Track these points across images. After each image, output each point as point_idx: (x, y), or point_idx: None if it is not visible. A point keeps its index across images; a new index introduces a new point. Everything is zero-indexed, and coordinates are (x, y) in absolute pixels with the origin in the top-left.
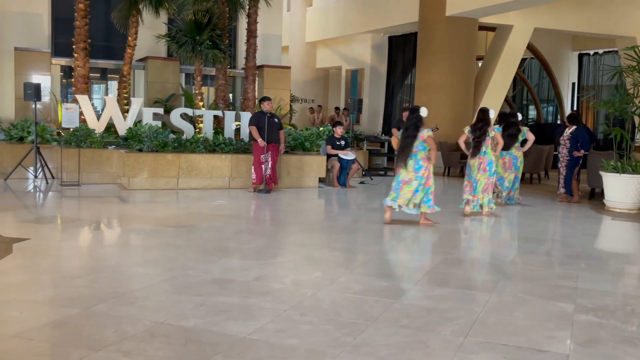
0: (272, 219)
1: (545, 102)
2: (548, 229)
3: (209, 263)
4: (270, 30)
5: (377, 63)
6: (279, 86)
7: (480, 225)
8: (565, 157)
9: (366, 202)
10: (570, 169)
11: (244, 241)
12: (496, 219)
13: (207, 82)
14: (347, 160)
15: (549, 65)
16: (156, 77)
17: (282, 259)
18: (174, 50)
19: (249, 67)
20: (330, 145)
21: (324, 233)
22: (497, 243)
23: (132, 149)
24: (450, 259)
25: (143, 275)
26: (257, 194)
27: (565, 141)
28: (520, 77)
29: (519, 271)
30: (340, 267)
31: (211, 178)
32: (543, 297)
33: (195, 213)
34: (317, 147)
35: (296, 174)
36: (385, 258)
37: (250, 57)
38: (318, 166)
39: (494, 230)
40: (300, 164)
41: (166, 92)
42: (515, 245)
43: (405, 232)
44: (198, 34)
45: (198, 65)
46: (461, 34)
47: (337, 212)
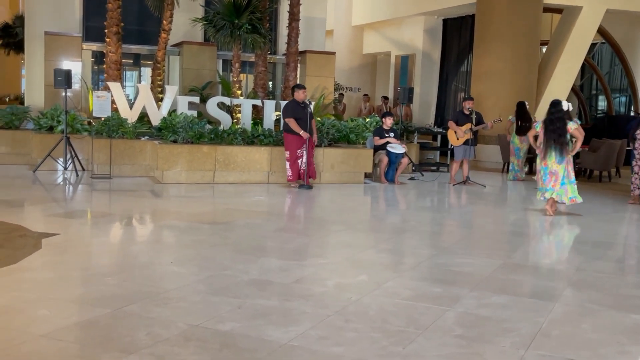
0: (314, 217)
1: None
2: (618, 232)
3: (247, 263)
4: (313, 13)
5: (430, 48)
6: (322, 73)
7: (543, 228)
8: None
9: (416, 200)
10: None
11: (284, 240)
12: (560, 221)
13: (245, 69)
14: (396, 154)
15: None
16: (192, 63)
17: (324, 260)
18: (211, 35)
19: (291, 52)
20: (378, 137)
21: (370, 233)
22: (562, 247)
23: (166, 140)
24: (510, 264)
25: (177, 275)
26: (298, 190)
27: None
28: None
29: (586, 278)
30: (388, 270)
31: (249, 172)
32: (614, 307)
33: (232, 209)
34: (363, 140)
35: (340, 168)
36: (437, 261)
37: (292, 42)
38: (364, 160)
39: (558, 233)
40: (344, 158)
41: (202, 79)
42: (582, 250)
43: (459, 233)
44: (237, 17)
45: (236, 51)
46: (524, 16)
47: (384, 211)
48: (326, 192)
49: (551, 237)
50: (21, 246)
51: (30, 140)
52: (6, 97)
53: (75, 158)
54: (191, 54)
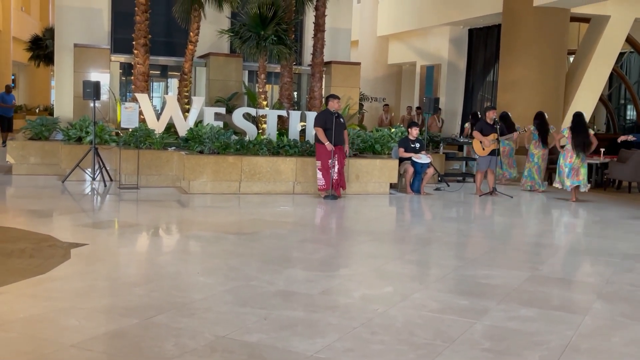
0: (339, 228)
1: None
2: None
3: (273, 273)
4: (339, 24)
5: (456, 58)
6: (347, 84)
7: (571, 239)
8: None
9: (442, 211)
10: None
11: (309, 251)
12: (589, 233)
13: (271, 79)
14: (422, 165)
15: None
16: (218, 74)
17: (350, 271)
18: (237, 46)
19: (316, 63)
20: (404, 148)
21: (396, 244)
22: (591, 259)
23: (193, 151)
24: (538, 276)
25: (204, 285)
26: (324, 200)
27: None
28: (617, 73)
29: (616, 291)
30: (414, 282)
31: (275, 182)
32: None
33: (257, 220)
34: (388, 150)
35: (365, 178)
36: (464, 273)
37: (318, 52)
38: (389, 171)
39: (587, 245)
40: (370, 168)
41: (228, 90)
42: (612, 262)
43: (486, 245)
44: (263, 28)
45: (262, 62)
46: (551, 25)
47: (410, 221)
48: (352, 203)
49: (580, 248)
50: (50, 256)
51: (59, 150)
52: (36, 108)
53: (104, 168)
54: (217, 65)
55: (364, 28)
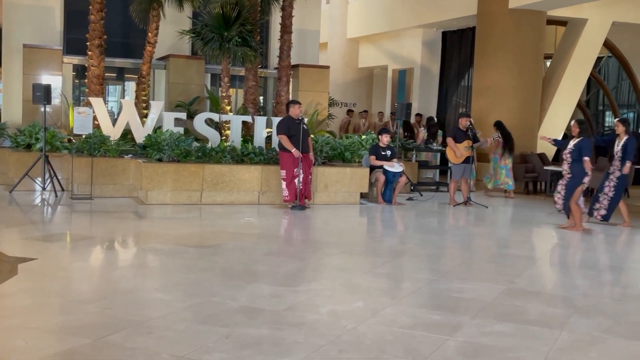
0: (307, 240)
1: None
2: (627, 256)
3: (236, 289)
4: (307, 25)
5: (429, 62)
6: (316, 88)
7: (548, 251)
8: (617, 170)
9: (415, 222)
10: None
11: (275, 264)
12: (566, 244)
13: (235, 83)
14: (394, 173)
15: (629, 65)
16: (178, 77)
17: (318, 285)
18: (198, 48)
19: (283, 66)
20: (374, 156)
21: (367, 257)
22: (568, 271)
23: (151, 159)
24: (514, 289)
25: (161, 302)
26: (291, 210)
27: (617, 153)
28: (595, 78)
29: (594, 305)
30: (385, 296)
31: (239, 192)
32: (623, 335)
33: (220, 231)
34: (358, 158)
35: (335, 188)
36: (437, 287)
37: (284, 55)
38: (360, 180)
39: (564, 257)
40: (339, 177)
41: (189, 94)
42: (589, 274)
43: (460, 257)
44: (226, 29)
45: (225, 65)
46: (527, 29)
47: (381, 233)
48: (320, 213)
49: (557, 260)
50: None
51: (7, 158)
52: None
53: (54, 178)
54: (178, 67)
55: (333, 30)
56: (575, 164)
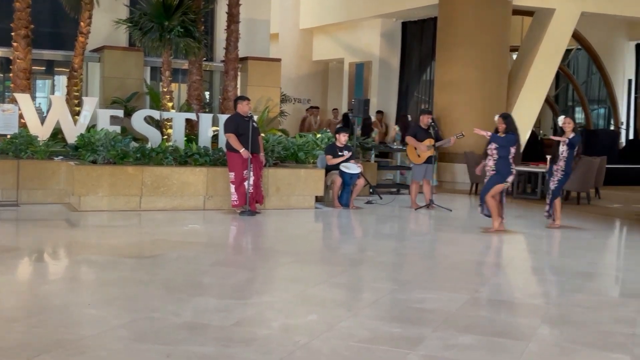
0: (257, 248)
1: (596, 103)
2: (599, 261)
3: (179, 303)
4: (256, 15)
5: (388, 55)
6: (266, 83)
7: (516, 257)
8: (560, 170)
9: (374, 227)
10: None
11: (223, 275)
12: (535, 249)
13: (177, 77)
14: (351, 175)
15: (599, 58)
16: (114, 71)
17: (269, 297)
18: (136, 39)
19: (230, 59)
20: (331, 156)
21: (322, 265)
22: (536, 279)
23: (84, 161)
24: (478, 299)
25: (96, 318)
26: (240, 216)
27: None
28: (564, 72)
29: (563, 314)
30: (342, 308)
31: (182, 197)
32: (593, 346)
33: (161, 240)
34: (313, 159)
35: (287, 191)
36: (398, 297)
37: (232, 47)
38: (315, 182)
39: (532, 263)
40: (292, 180)
41: (127, 89)
42: (559, 281)
43: (422, 265)
44: (167, 18)
45: (167, 57)
46: (491, 19)
47: (338, 239)
48: (271, 219)
49: (525, 267)
50: None
51: None
52: None
53: None
54: (114, 60)
55: (285, 20)
56: (502, 161)
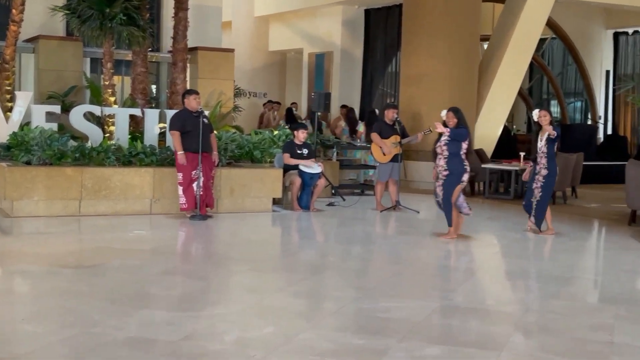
0: (209, 255)
1: (572, 96)
2: (576, 264)
3: (122, 316)
4: (206, 1)
5: (350, 45)
6: (218, 75)
7: (488, 261)
8: (543, 169)
9: (337, 231)
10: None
11: (171, 286)
12: (508, 253)
13: (120, 69)
14: (312, 175)
15: (575, 48)
16: (51, 63)
17: (222, 309)
18: (75, 28)
19: (178, 49)
20: (289, 155)
21: (280, 273)
22: (509, 284)
23: (17, 162)
24: (448, 306)
25: (31, 334)
26: (191, 221)
27: (542, 149)
28: (538, 63)
29: (537, 321)
30: (301, 319)
31: (126, 200)
32: (568, 355)
33: (104, 248)
34: (270, 157)
35: (242, 193)
36: (362, 306)
37: (180, 36)
38: (272, 183)
39: (505, 267)
40: (247, 180)
41: (64, 83)
42: (533, 286)
43: (388, 270)
44: (108, 5)
45: (108, 48)
46: (460, 6)
47: (297, 245)
48: (225, 224)
49: (498, 272)
50: None
51: None
52: None
53: None
54: (49, 51)
55: (239, 6)
56: (453, 159)
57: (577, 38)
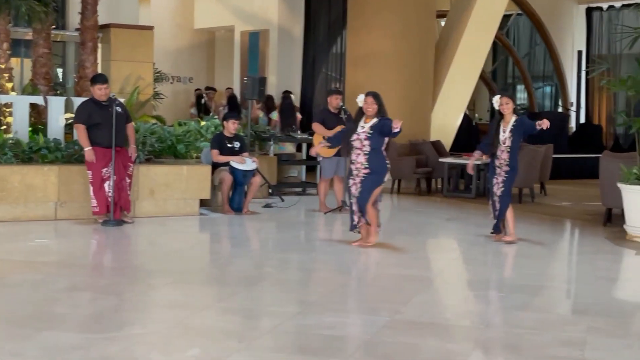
0: (125, 267)
1: (540, 80)
2: (545, 271)
3: (21, 340)
4: None
5: (289, 22)
6: (135, 57)
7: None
8: (504, 166)
9: (275, 236)
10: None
11: (80, 303)
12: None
13: (19, 51)
14: (245, 172)
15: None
16: None
17: (140, 329)
18: None
19: (87, 27)
20: (218, 150)
21: (208, 287)
22: (470, 295)
23: None
24: (400, 321)
25: None
26: (103, 227)
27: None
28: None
29: (500, 337)
30: (232, 339)
31: (27, 204)
32: None
33: (0, 260)
34: (197, 152)
35: (164, 194)
36: (303, 323)
37: (89, 12)
38: (199, 182)
39: (466, 275)
40: (170, 179)
41: None
42: (497, 297)
43: (333, 282)
44: None
45: (4, 25)
46: None
47: (229, 254)
48: (144, 230)
49: (457, 281)
50: None
51: None
52: None
53: None
54: None
55: None
56: (375, 155)
57: (545, 14)
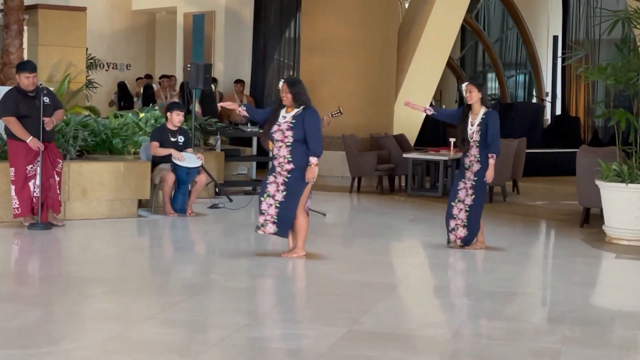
0: (55, 275)
1: (513, 67)
2: (516, 277)
3: None
4: None
5: (238, 3)
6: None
7: (409, 275)
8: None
9: (222, 241)
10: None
11: (4, 316)
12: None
13: None
14: (189, 170)
15: (516, 8)
16: None
17: (72, 343)
18: None
19: (11, 8)
20: (159, 143)
21: (148, 296)
22: (436, 303)
23: None
24: (359, 332)
25: None
26: (29, 231)
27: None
28: (471, 27)
29: (468, 348)
30: (174, 353)
31: None
32: None
33: None
34: (135, 148)
35: (98, 194)
36: (252, 335)
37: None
38: (137, 180)
39: (431, 281)
40: (104, 178)
41: None
42: (465, 305)
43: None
44: None
45: None
46: None
47: (171, 259)
48: (75, 234)
49: (422, 287)
50: None
51: None
52: None
53: None
54: None
55: None
56: (299, 148)
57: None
